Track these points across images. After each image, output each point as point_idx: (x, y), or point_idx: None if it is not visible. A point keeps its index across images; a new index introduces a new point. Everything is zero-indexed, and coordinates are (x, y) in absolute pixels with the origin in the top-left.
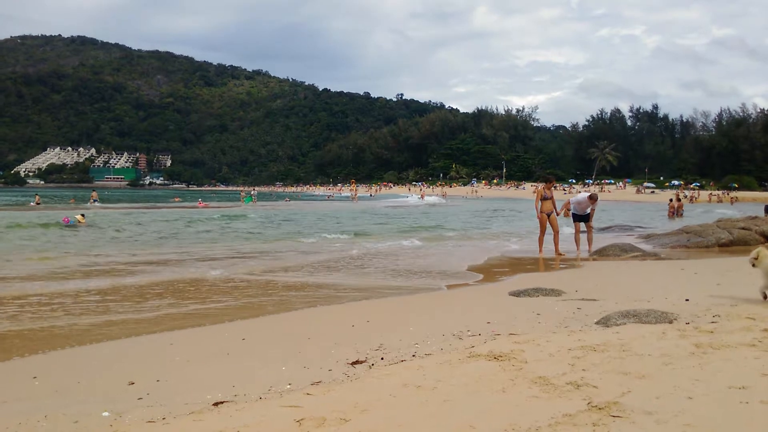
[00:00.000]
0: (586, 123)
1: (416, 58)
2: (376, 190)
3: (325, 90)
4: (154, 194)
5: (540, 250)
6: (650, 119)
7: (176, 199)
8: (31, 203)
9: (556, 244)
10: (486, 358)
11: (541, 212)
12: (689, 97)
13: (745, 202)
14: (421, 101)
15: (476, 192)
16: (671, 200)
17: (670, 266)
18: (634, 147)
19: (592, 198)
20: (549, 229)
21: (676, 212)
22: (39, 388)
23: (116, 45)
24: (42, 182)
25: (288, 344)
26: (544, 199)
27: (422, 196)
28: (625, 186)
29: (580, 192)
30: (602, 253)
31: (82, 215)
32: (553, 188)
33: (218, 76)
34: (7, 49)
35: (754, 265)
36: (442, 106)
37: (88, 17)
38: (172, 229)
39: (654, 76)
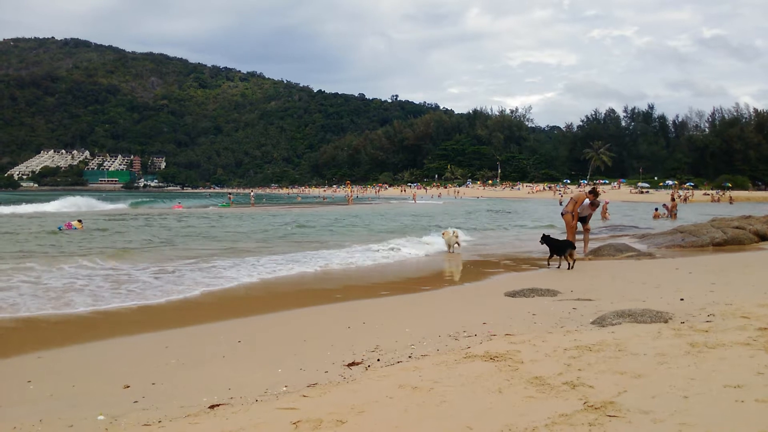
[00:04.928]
0: (581, 123)
1: (410, 60)
2: (376, 192)
3: (320, 91)
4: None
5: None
6: (645, 119)
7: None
8: None
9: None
10: (482, 359)
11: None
12: (679, 97)
13: (740, 202)
14: (416, 102)
15: (458, 193)
16: (656, 209)
17: (665, 266)
18: (628, 147)
19: (593, 205)
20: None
21: (669, 214)
22: (34, 392)
23: (110, 47)
24: (36, 185)
25: (284, 346)
26: (591, 205)
27: (414, 198)
28: (619, 186)
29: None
30: (597, 253)
31: (79, 221)
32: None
33: (212, 77)
34: None
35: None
36: (437, 107)
37: (81, 19)
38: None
39: (645, 77)
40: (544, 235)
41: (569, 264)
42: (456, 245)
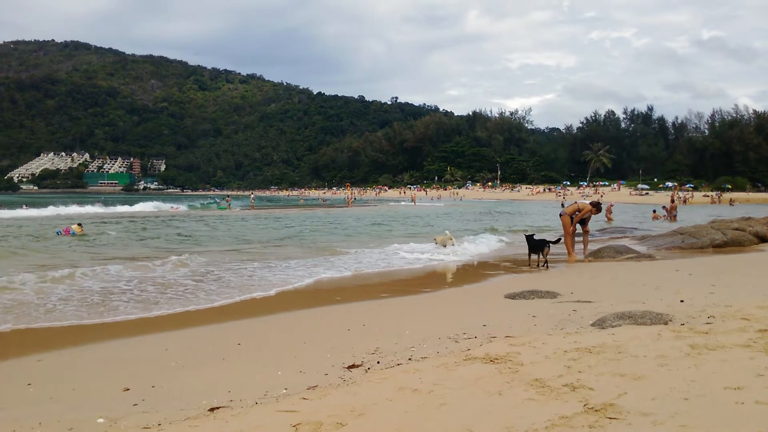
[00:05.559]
0: (580, 125)
1: (409, 62)
2: (376, 194)
3: (320, 94)
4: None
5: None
6: (644, 121)
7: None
8: None
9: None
10: (482, 361)
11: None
12: (678, 98)
13: (739, 203)
14: (416, 104)
15: (457, 195)
16: (654, 211)
17: (665, 267)
18: (627, 149)
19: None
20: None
21: (669, 215)
22: (33, 395)
23: (110, 50)
24: (35, 188)
25: (284, 348)
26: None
27: (413, 200)
28: (619, 188)
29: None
30: (597, 255)
31: (79, 224)
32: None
33: (212, 80)
34: None
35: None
36: (437, 109)
37: (81, 22)
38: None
39: (643, 79)
40: (526, 235)
41: (541, 263)
42: (451, 247)
